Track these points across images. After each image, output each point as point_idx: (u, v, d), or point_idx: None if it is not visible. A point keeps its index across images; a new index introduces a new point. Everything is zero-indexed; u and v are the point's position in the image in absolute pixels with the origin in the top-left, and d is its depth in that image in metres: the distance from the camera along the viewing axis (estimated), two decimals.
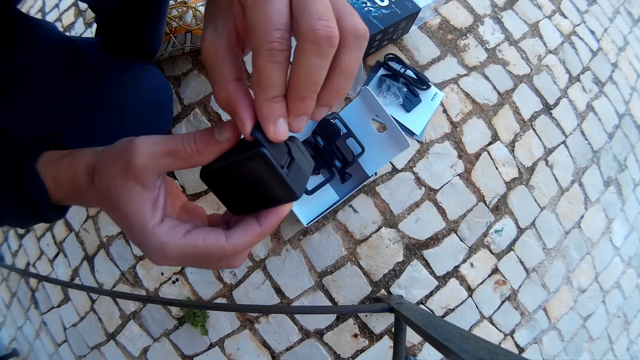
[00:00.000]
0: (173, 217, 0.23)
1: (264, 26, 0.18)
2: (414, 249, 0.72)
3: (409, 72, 0.73)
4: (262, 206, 0.23)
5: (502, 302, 0.76)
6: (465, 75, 0.77)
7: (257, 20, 0.18)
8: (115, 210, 0.22)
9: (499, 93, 0.78)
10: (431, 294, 0.73)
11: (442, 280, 0.73)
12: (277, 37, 0.18)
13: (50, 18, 0.97)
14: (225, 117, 0.75)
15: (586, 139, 0.84)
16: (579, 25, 0.88)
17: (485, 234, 0.74)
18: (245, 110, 0.20)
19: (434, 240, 0.73)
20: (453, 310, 0.74)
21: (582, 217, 0.82)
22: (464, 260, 0.74)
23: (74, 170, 0.25)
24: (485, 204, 0.75)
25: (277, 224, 0.23)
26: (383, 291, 0.72)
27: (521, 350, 0.78)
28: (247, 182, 0.22)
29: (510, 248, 0.76)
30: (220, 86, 0.20)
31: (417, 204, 0.73)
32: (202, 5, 0.69)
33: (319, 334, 0.72)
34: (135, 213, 0.21)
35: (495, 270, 0.75)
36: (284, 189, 0.21)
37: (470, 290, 0.74)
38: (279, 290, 0.73)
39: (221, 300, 0.74)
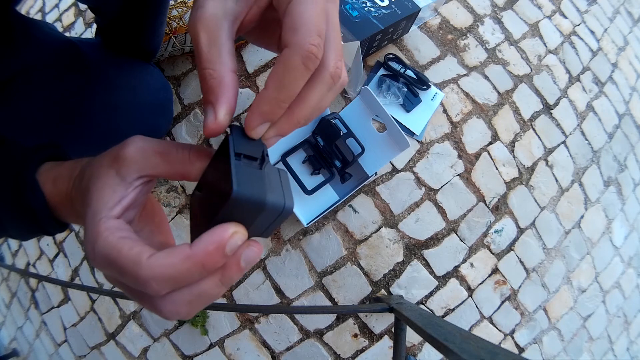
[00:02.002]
0: (133, 228, 0.20)
1: (310, 27, 0.17)
2: (414, 249, 0.72)
3: (409, 72, 0.73)
4: (210, 222, 0.18)
5: (502, 302, 0.76)
6: (465, 75, 0.77)
7: (304, 19, 0.17)
8: (85, 194, 0.21)
9: (499, 93, 0.78)
10: (431, 294, 0.73)
11: (442, 280, 0.73)
12: (317, 43, 0.18)
13: (50, 18, 0.97)
14: None
15: (586, 139, 0.84)
16: (579, 25, 0.88)
17: (485, 234, 0.74)
18: (227, 104, 0.19)
19: (434, 240, 0.73)
20: (453, 310, 0.74)
21: (582, 217, 0.82)
22: (464, 260, 0.74)
23: (73, 169, 0.25)
24: (485, 204, 0.75)
25: (216, 252, 0.17)
26: (383, 291, 0.72)
27: (521, 350, 0.78)
28: (208, 188, 0.19)
29: (510, 248, 0.76)
30: (215, 73, 0.19)
31: (417, 204, 0.73)
32: None
33: (319, 334, 0.72)
34: (98, 199, 0.20)
35: (495, 270, 0.75)
36: (227, 180, 0.17)
37: (470, 290, 0.74)
38: (279, 290, 0.73)
39: (221, 300, 0.74)
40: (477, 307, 0.74)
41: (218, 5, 0.19)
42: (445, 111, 0.75)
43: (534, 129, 0.79)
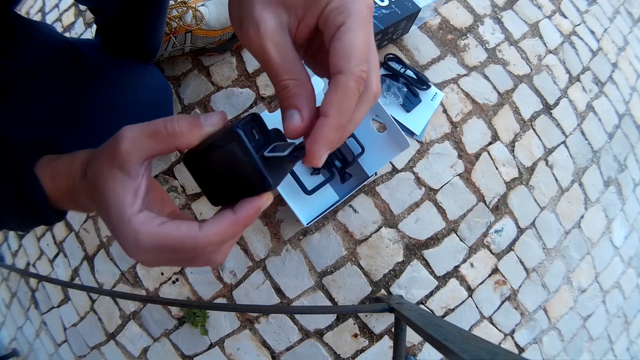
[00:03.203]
0: (154, 212, 0.23)
1: (360, 55, 0.19)
2: (414, 249, 0.72)
3: (409, 72, 0.73)
4: (238, 196, 0.22)
5: (502, 302, 0.76)
6: (465, 75, 0.77)
7: (355, 46, 0.19)
8: (99, 200, 0.22)
9: (499, 93, 0.78)
10: (431, 294, 0.73)
11: (442, 280, 0.73)
12: (366, 69, 0.19)
13: (50, 18, 0.97)
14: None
15: (586, 139, 0.84)
16: (579, 25, 0.88)
17: (485, 234, 0.74)
18: (311, 108, 0.21)
19: (434, 240, 0.73)
20: (453, 310, 0.74)
21: (582, 217, 0.82)
22: (464, 260, 0.74)
23: (70, 165, 0.25)
24: (485, 204, 0.75)
25: (254, 215, 0.22)
26: (383, 291, 0.72)
27: (521, 350, 0.78)
28: (224, 168, 0.21)
29: (510, 248, 0.76)
30: (298, 82, 0.20)
31: (417, 204, 0.73)
32: (202, 5, 0.69)
33: (319, 334, 0.72)
34: (116, 201, 0.21)
35: (495, 270, 0.75)
36: (258, 177, 0.20)
37: (470, 290, 0.74)
38: (279, 290, 0.73)
39: (221, 300, 0.74)
40: (477, 307, 0.74)
41: (276, 19, 0.20)
42: (445, 111, 0.75)
43: (534, 129, 0.79)
